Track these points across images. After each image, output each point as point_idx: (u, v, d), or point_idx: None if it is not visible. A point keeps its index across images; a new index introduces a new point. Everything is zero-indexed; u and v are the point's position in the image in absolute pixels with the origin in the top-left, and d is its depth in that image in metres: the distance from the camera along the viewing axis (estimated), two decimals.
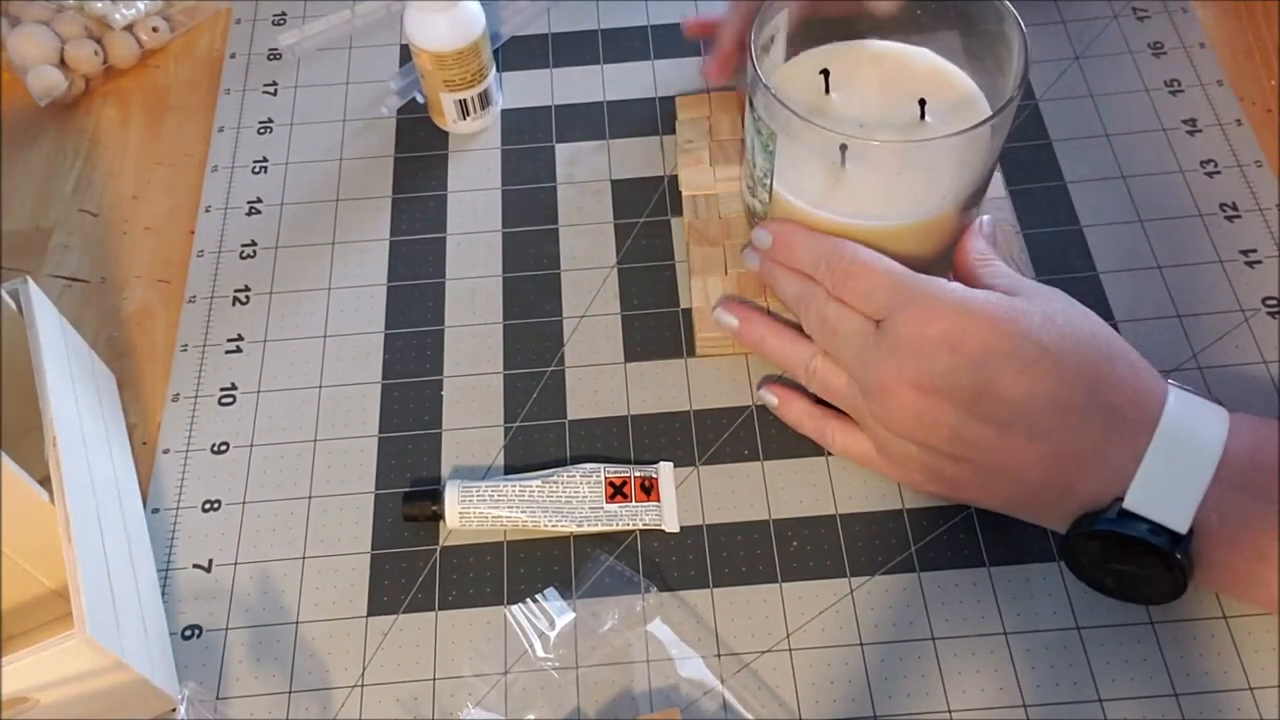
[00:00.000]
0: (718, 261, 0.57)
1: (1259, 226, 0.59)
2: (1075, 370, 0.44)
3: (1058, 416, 0.44)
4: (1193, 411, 0.44)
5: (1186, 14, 0.68)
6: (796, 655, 0.48)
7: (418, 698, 0.48)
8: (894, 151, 0.49)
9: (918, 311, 0.46)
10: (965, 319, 0.45)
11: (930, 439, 0.46)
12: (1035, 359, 0.44)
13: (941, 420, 0.45)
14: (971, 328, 0.45)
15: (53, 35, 0.67)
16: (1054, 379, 0.44)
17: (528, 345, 0.58)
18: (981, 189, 0.52)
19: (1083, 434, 0.44)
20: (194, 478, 0.54)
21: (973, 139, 0.48)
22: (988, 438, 0.45)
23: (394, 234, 0.62)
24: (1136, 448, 0.44)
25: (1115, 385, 0.44)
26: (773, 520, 0.51)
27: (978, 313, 0.45)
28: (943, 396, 0.45)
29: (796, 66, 0.54)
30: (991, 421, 0.45)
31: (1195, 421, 0.44)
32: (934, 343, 0.45)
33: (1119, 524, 0.43)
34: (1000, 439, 0.45)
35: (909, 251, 0.53)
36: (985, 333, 0.44)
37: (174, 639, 0.50)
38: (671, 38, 0.69)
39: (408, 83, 0.68)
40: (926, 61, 0.54)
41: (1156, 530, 0.43)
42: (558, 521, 0.51)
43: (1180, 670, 0.46)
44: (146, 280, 0.62)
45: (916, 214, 0.51)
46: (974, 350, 0.44)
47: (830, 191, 0.51)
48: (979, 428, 0.45)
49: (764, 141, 0.51)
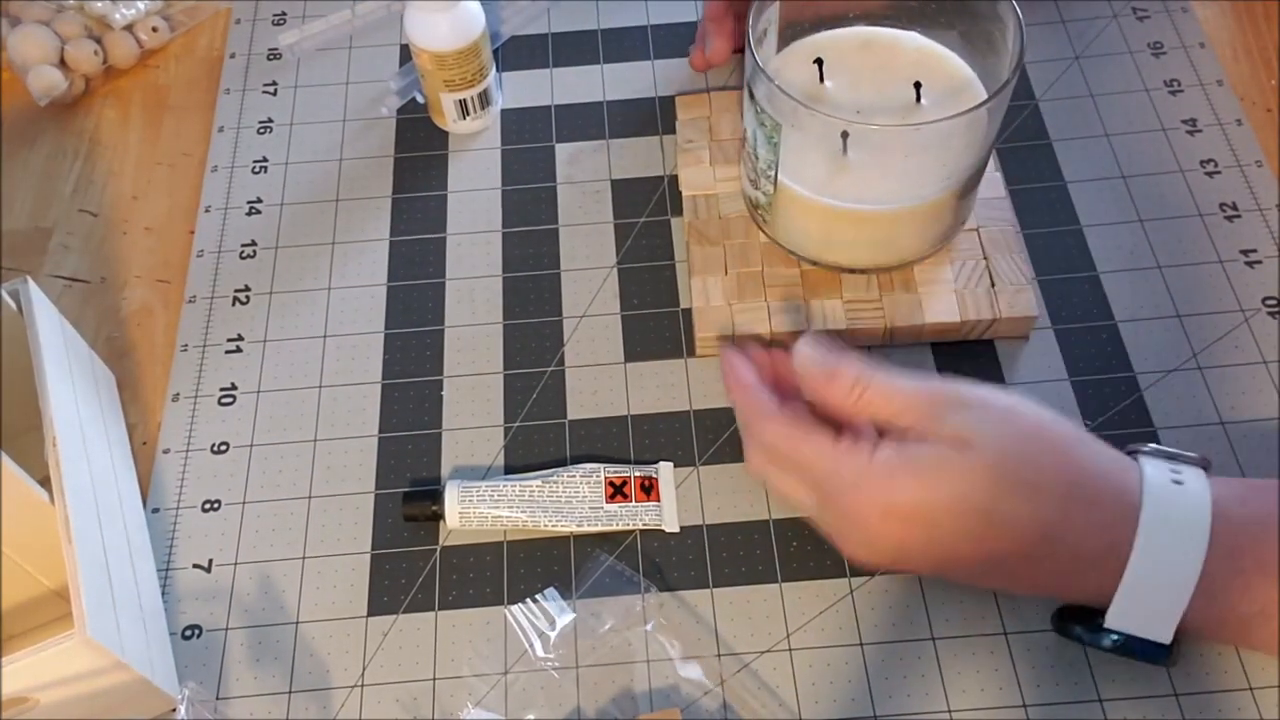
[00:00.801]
0: (718, 261, 0.58)
1: (1259, 226, 0.59)
2: (1029, 522, 0.42)
3: (1024, 563, 0.43)
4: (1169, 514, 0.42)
5: (1186, 14, 0.68)
6: (796, 655, 0.48)
7: (418, 698, 0.48)
8: (895, 135, 0.49)
9: (848, 498, 0.43)
10: (899, 500, 0.42)
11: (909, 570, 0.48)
12: (982, 531, 0.42)
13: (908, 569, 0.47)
14: (910, 510, 0.42)
15: (53, 35, 0.67)
16: (1009, 540, 0.42)
17: (528, 345, 0.58)
18: (978, 174, 0.53)
19: (1055, 572, 0.43)
20: (194, 478, 0.54)
21: (970, 121, 0.48)
22: (960, 576, 0.46)
23: (394, 234, 0.62)
24: (1115, 567, 0.42)
25: (1078, 523, 0.42)
26: (773, 520, 0.51)
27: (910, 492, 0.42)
28: (902, 560, 0.45)
29: (789, 57, 0.55)
30: (961, 573, 0.46)
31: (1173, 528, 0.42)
32: (875, 526, 0.43)
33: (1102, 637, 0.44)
34: (977, 576, 0.46)
35: (909, 235, 0.54)
36: (925, 513, 0.42)
37: (174, 639, 0.50)
38: (671, 38, 0.69)
39: (408, 83, 0.68)
40: (915, 44, 0.54)
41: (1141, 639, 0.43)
42: (558, 521, 0.51)
43: (1180, 670, 0.46)
44: (146, 280, 0.62)
45: (918, 196, 0.51)
46: (917, 530, 0.43)
47: (832, 178, 0.51)
48: (949, 573, 0.46)
49: (768, 133, 0.51)
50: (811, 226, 0.54)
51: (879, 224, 0.53)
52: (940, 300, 0.55)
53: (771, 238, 0.57)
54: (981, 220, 0.57)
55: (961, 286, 0.55)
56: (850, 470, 0.43)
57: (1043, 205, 0.60)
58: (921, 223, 0.53)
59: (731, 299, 0.56)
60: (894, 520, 0.43)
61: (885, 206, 0.52)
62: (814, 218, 0.53)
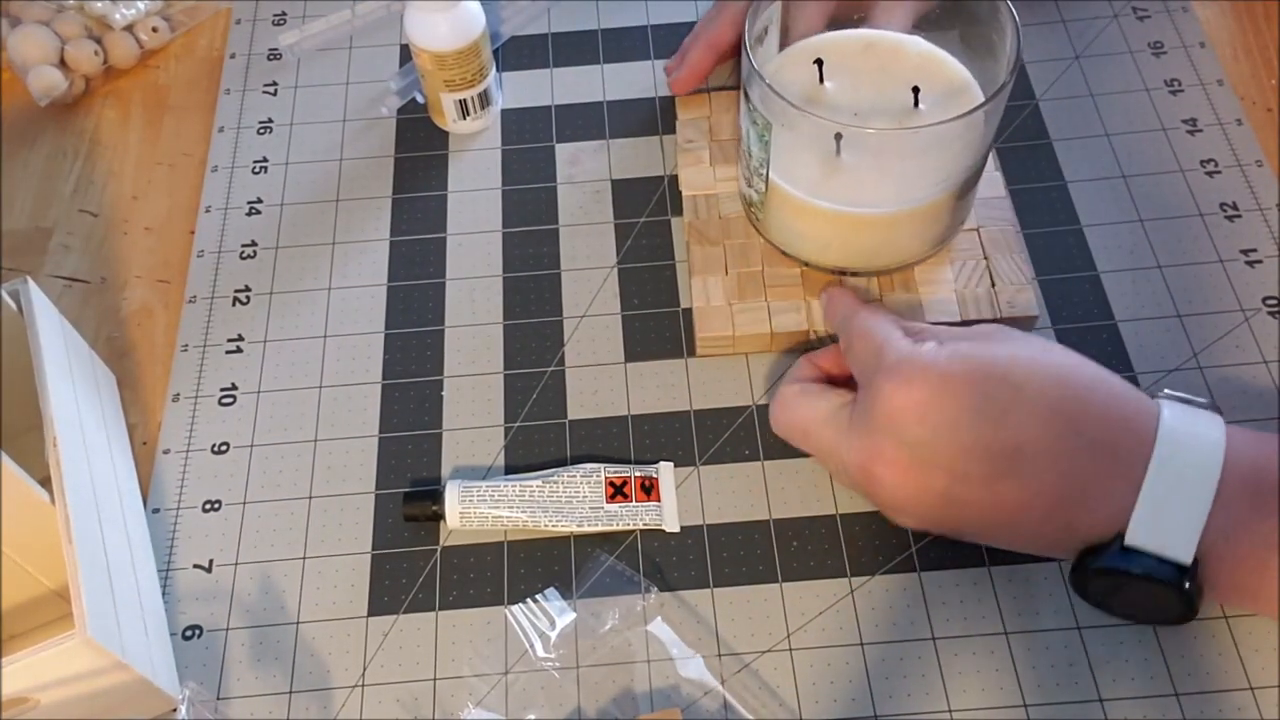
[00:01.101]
0: (718, 261, 0.58)
1: (1259, 226, 0.59)
2: (1053, 410, 0.43)
3: (1045, 461, 0.43)
4: (1188, 432, 0.43)
5: (1186, 13, 0.68)
6: (797, 655, 0.48)
7: (418, 698, 0.48)
8: (888, 139, 0.49)
9: (885, 386, 0.45)
10: (928, 386, 0.44)
11: (921, 510, 0.46)
12: (1010, 403, 0.43)
13: (928, 488, 0.44)
14: (938, 392, 0.44)
15: (53, 35, 0.67)
16: (1033, 425, 0.43)
17: (528, 345, 0.58)
18: (975, 176, 0.53)
19: (1073, 474, 0.43)
20: (194, 478, 0.54)
21: (966, 125, 0.48)
22: (977, 495, 0.44)
23: (394, 234, 0.62)
24: (1133, 478, 0.43)
25: (1098, 418, 0.43)
26: (773, 520, 0.51)
27: (942, 374, 0.44)
28: (924, 467, 0.44)
29: (790, 57, 0.55)
30: (977, 479, 0.44)
31: (1191, 444, 0.43)
32: (903, 416, 0.44)
33: (1122, 560, 0.43)
34: (991, 494, 0.44)
35: (905, 238, 0.54)
36: (952, 396, 0.43)
37: (174, 639, 0.50)
38: (671, 38, 0.69)
39: (408, 83, 0.68)
40: (919, 49, 0.54)
41: (1161, 562, 0.42)
42: (558, 521, 0.51)
43: (1180, 670, 0.46)
44: (146, 280, 0.62)
45: (912, 200, 0.51)
46: (944, 415, 0.43)
47: (826, 180, 0.51)
48: (966, 488, 0.44)
49: (759, 132, 0.51)
50: (804, 228, 0.54)
51: (874, 227, 0.53)
52: (940, 300, 0.55)
53: (765, 237, 0.57)
54: (981, 220, 0.57)
55: (962, 286, 0.55)
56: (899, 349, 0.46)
57: (1043, 205, 0.60)
58: (917, 226, 0.53)
59: (732, 299, 0.56)
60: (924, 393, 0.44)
61: (879, 210, 0.52)
62: (806, 219, 0.53)
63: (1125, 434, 0.43)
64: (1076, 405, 0.43)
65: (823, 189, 0.51)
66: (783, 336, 0.55)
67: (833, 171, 0.51)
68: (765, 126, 0.50)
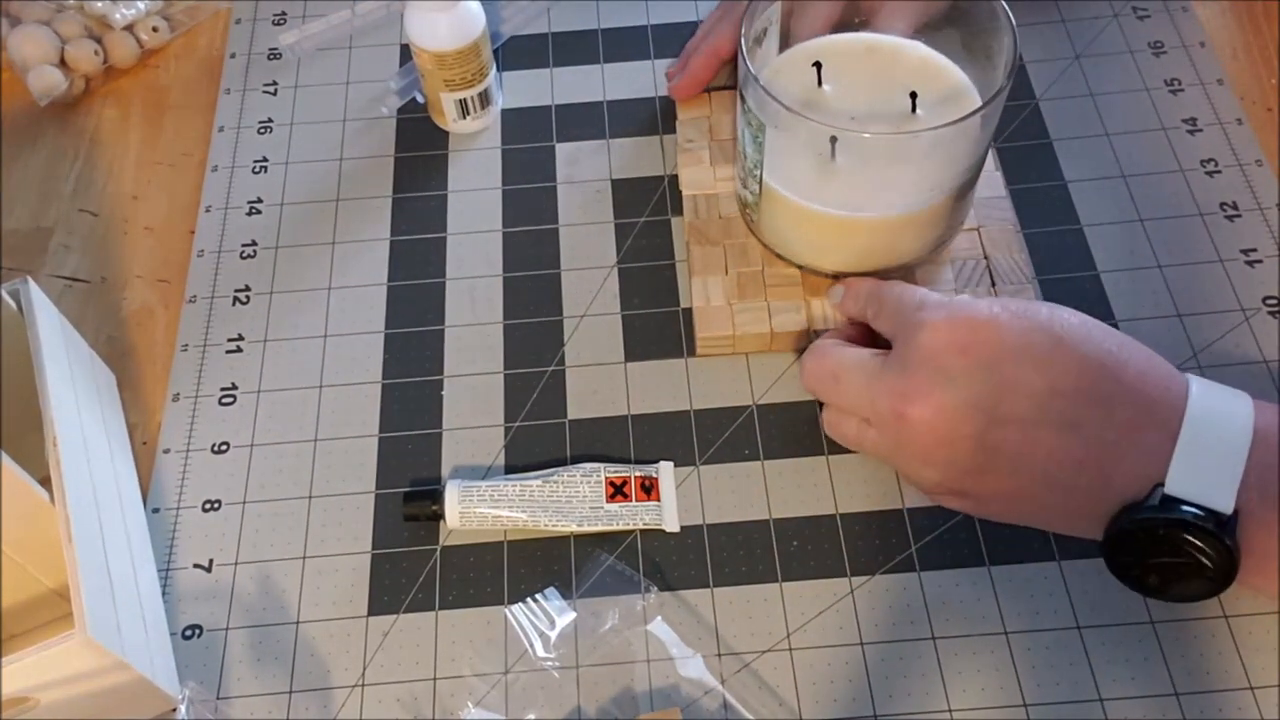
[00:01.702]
0: (718, 261, 0.57)
1: (1259, 226, 0.59)
2: (1095, 357, 0.44)
3: (1085, 405, 0.43)
4: (1217, 395, 0.44)
5: (1187, 13, 0.68)
6: (797, 655, 0.48)
7: (418, 697, 0.48)
8: (883, 143, 0.49)
9: (927, 326, 0.45)
10: (972, 324, 0.44)
11: (953, 455, 0.44)
12: (1051, 349, 0.44)
13: (961, 432, 0.43)
14: (980, 329, 0.44)
15: (53, 35, 0.67)
16: (1076, 367, 0.43)
17: (528, 345, 0.58)
18: (972, 180, 0.53)
19: (1112, 421, 0.43)
20: (194, 477, 0.54)
21: (961, 130, 0.48)
22: (1012, 440, 0.43)
23: (394, 234, 0.62)
24: (1170, 429, 0.43)
25: (1136, 373, 0.44)
26: (773, 520, 0.51)
27: (983, 315, 0.45)
28: (961, 407, 0.43)
29: (790, 59, 0.55)
30: (1014, 422, 0.43)
31: (1222, 405, 0.44)
32: (946, 352, 0.44)
33: (1164, 510, 0.42)
34: (1027, 439, 0.43)
35: (900, 242, 0.54)
36: (995, 332, 0.44)
37: (174, 639, 0.50)
38: (672, 38, 0.69)
39: (408, 82, 0.68)
40: (919, 54, 0.54)
41: (1202, 513, 0.42)
42: (558, 521, 0.51)
43: (1180, 670, 0.46)
44: (146, 280, 0.62)
45: (906, 205, 0.51)
46: (986, 350, 0.44)
47: (820, 184, 0.51)
48: (1002, 432, 0.43)
49: (754, 133, 0.51)
50: (798, 231, 0.54)
51: (870, 231, 0.53)
52: None
53: (760, 239, 0.57)
54: (982, 219, 0.57)
55: (962, 286, 0.55)
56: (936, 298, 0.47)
57: (1043, 204, 0.60)
58: (914, 229, 0.53)
59: (732, 299, 0.56)
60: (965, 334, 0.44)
61: (874, 214, 0.51)
62: (800, 222, 0.53)
63: (1160, 389, 0.44)
64: (1114, 360, 0.44)
65: (817, 192, 0.51)
66: (783, 336, 0.55)
67: (827, 175, 0.51)
68: (760, 128, 0.50)
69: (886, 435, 0.46)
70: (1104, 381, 0.43)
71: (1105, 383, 0.43)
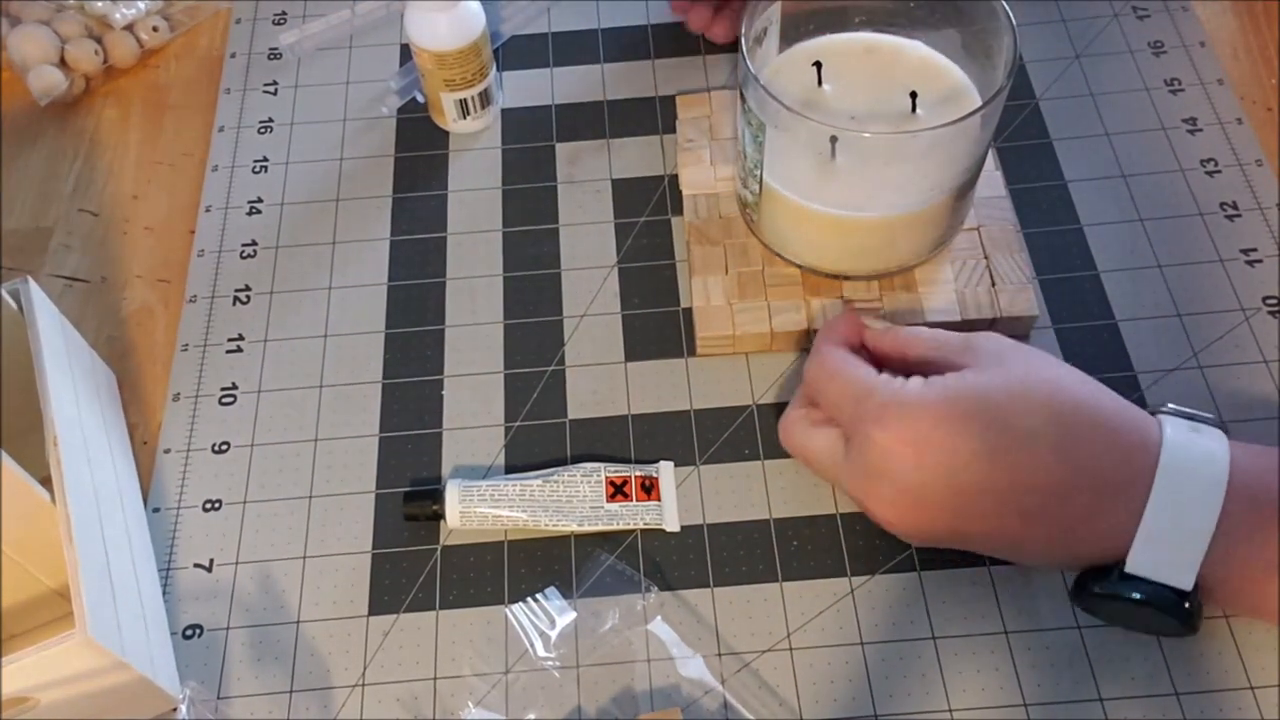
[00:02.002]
0: (718, 261, 0.58)
1: (1259, 226, 0.59)
2: (1050, 448, 0.43)
3: (1042, 499, 0.43)
4: (1189, 457, 0.43)
5: (1187, 13, 0.68)
6: (797, 655, 0.48)
7: (418, 697, 0.48)
8: (883, 143, 0.49)
9: (876, 427, 0.44)
10: (922, 428, 0.43)
11: (926, 538, 0.47)
12: (1004, 450, 0.43)
13: (931, 525, 0.45)
14: (931, 433, 0.43)
15: (53, 35, 0.67)
16: (1029, 465, 0.43)
17: (528, 345, 0.58)
18: (972, 179, 0.53)
19: (1073, 508, 0.43)
20: (195, 477, 0.54)
21: (961, 130, 0.48)
22: (979, 528, 0.45)
23: (394, 234, 0.62)
24: (1134, 508, 0.42)
25: (1097, 450, 0.43)
26: (773, 520, 0.51)
27: (934, 416, 0.43)
28: (926, 507, 0.44)
29: (790, 58, 0.55)
30: (978, 516, 0.44)
31: (1192, 472, 0.42)
32: (900, 462, 0.44)
33: (1123, 586, 0.43)
34: (993, 525, 0.44)
35: (900, 242, 0.54)
36: (946, 434, 0.43)
37: (175, 639, 0.50)
38: (672, 37, 0.69)
39: (408, 82, 0.68)
40: (919, 54, 0.54)
41: (1162, 587, 0.43)
42: (558, 521, 0.51)
43: (1180, 670, 0.46)
44: (147, 280, 0.62)
45: (907, 205, 0.51)
46: (939, 457, 0.43)
47: (821, 183, 0.51)
48: (968, 523, 0.45)
49: (754, 133, 0.51)
50: (798, 231, 0.54)
51: (870, 231, 0.53)
52: (940, 299, 0.55)
53: (760, 239, 0.57)
54: (982, 219, 0.57)
55: (962, 285, 0.55)
56: (884, 393, 0.45)
57: (1043, 204, 0.60)
58: (914, 229, 0.53)
59: (732, 298, 0.56)
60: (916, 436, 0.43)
61: (874, 214, 0.51)
62: (800, 222, 0.53)
63: (1125, 466, 0.43)
64: (1072, 440, 0.43)
65: (817, 192, 0.51)
66: (783, 336, 0.55)
67: (828, 175, 0.51)
68: (760, 128, 0.50)
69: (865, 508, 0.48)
70: (1064, 473, 0.43)
71: (1066, 474, 0.43)
